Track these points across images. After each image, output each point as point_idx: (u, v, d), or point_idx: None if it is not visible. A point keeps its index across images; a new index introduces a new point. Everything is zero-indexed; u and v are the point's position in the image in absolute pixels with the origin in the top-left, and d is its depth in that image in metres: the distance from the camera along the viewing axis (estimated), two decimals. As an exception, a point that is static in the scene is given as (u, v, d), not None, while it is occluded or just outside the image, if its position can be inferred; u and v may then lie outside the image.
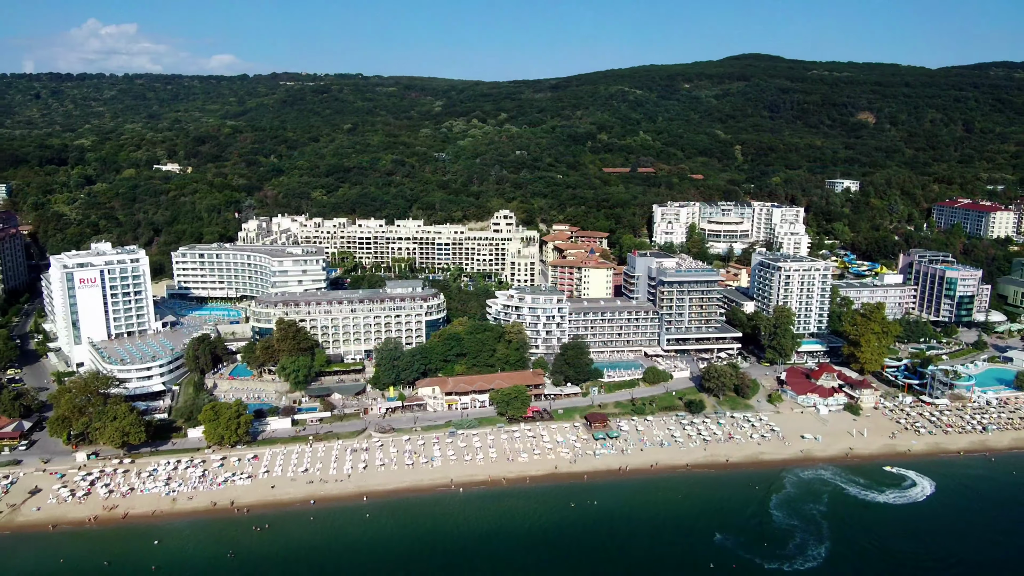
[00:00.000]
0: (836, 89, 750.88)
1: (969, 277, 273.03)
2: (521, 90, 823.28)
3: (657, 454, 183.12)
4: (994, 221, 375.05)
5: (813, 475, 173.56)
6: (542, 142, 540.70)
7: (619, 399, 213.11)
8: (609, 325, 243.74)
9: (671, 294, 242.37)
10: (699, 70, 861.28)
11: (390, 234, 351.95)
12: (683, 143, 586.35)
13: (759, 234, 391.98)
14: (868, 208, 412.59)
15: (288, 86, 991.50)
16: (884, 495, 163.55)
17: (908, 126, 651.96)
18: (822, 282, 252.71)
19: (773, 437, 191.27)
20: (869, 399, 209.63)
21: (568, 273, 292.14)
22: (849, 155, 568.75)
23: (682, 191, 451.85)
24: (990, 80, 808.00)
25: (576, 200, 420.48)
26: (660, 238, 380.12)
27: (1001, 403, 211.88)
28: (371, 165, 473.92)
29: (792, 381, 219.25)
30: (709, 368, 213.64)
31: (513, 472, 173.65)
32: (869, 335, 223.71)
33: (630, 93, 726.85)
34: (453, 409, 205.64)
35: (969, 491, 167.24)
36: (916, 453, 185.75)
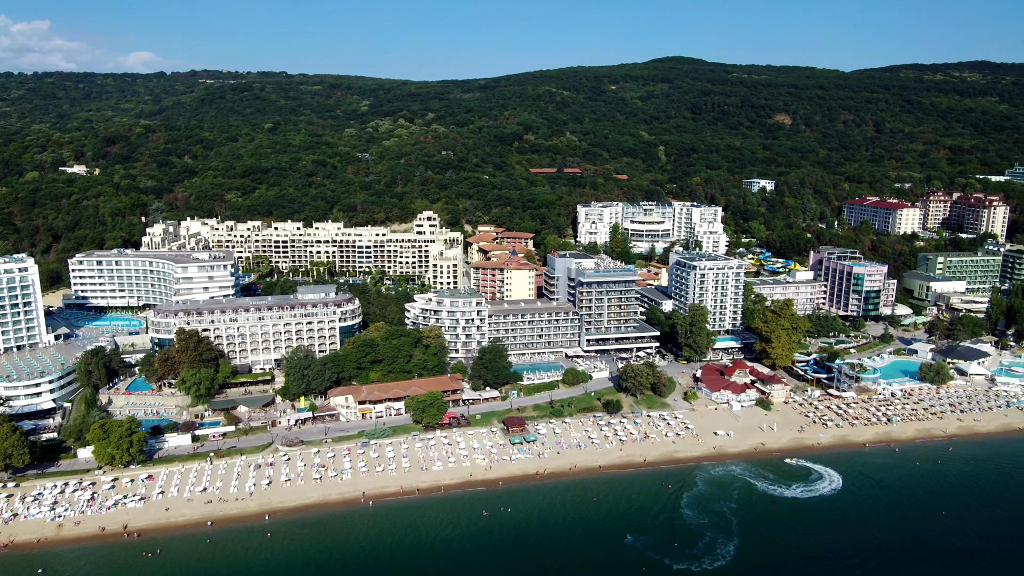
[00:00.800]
0: (755, 91, 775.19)
1: (875, 272, 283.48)
2: (450, 90, 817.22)
3: (574, 456, 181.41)
4: (901, 218, 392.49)
5: (724, 472, 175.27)
6: (469, 142, 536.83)
7: (538, 402, 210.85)
8: (529, 327, 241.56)
9: (590, 294, 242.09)
10: (625, 72, 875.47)
11: (308, 237, 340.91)
12: (609, 144, 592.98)
13: (680, 233, 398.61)
14: (783, 207, 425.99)
15: (208, 84, 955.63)
16: (791, 490, 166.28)
17: (822, 127, 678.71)
18: (735, 280, 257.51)
19: (687, 435, 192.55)
20: (780, 394, 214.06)
21: (490, 275, 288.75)
22: (766, 155, 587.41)
23: (606, 191, 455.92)
24: (900, 82, 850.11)
25: (502, 201, 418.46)
26: (584, 238, 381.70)
27: (905, 394, 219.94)
28: (291, 166, 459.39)
29: (707, 378, 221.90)
30: (626, 368, 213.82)
31: (427, 481, 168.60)
32: (779, 331, 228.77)
33: (557, 94, 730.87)
34: (367, 418, 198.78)
35: (874, 482, 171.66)
36: (824, 446, 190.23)
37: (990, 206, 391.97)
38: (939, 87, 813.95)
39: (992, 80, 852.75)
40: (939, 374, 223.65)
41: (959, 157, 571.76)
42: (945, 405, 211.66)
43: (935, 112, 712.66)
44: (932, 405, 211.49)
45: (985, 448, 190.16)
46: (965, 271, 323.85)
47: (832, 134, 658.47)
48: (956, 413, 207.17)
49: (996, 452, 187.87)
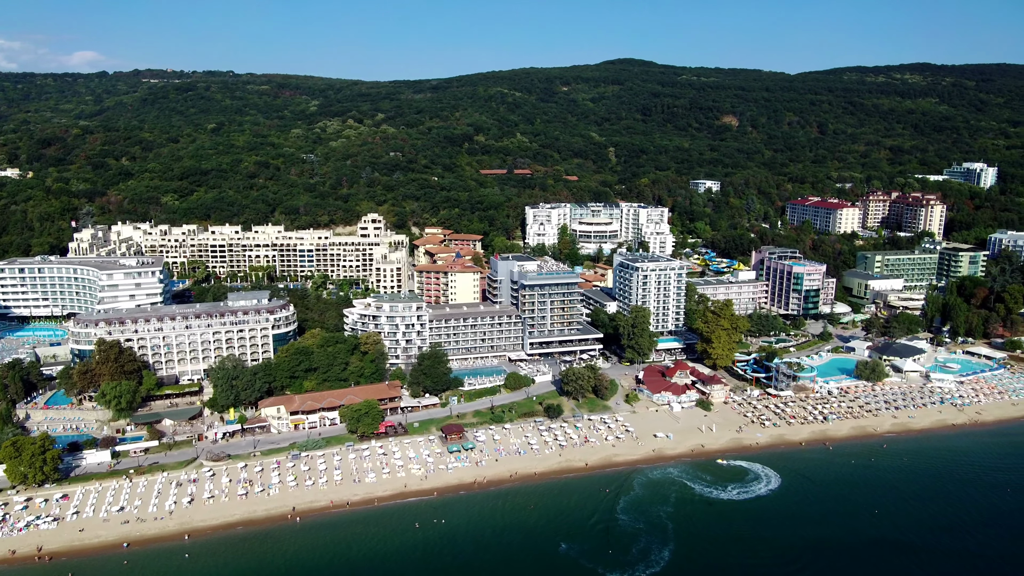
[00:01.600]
0: (703, 93, 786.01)
1: (814, 272, 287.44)
2: (401, 90, 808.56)
3: (513, 463, 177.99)
4: (841, 217, 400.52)
5: (662, 474, 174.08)
6: (418, 143, 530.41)
7: (479, 407, 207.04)
8: (472, 331, 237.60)
9: (532, 297, 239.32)
10: (577, 73, 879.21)
11: (247, 241, 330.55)
12: (559, 145, 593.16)
13: (628, 234, 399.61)
14: (728, 207, 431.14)
15: (151, 84, 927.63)
16: (728, 491, 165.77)
17: (768, 128, 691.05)
18: (677, 281, 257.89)
19: (627, 438, 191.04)
20: (719, 394, 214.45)
21: (434, 278, 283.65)
22: (714, 156, 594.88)
23: (555, 192, 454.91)
24: (844, 84, 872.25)
25: (450, 202, 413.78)
26: (533, 240, 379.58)
27: (842, 392, 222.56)
28: (232, 167, 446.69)
29: (648, 380, 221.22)
30: (567, 371, 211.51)
31: (359, 495, 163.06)
32: (719, 331, 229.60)
33: (509, 95, 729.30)
34: (300, 429, 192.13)
35: (809, 481, 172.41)
36: (762, 446, 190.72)
37: (927, 205, 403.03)
38: (881, 89, 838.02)
39: (932, 82, 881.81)
40: (874, 371, 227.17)
41: (899, 157, 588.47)
42: (880, 402, 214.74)
43: (877, 113, 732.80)
44: (868, 403, 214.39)
45: (918, 444, 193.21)
46: (902, 269, 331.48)
47: (777, 135, 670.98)
48: (891, 410, 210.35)
49: (929, 448, 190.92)
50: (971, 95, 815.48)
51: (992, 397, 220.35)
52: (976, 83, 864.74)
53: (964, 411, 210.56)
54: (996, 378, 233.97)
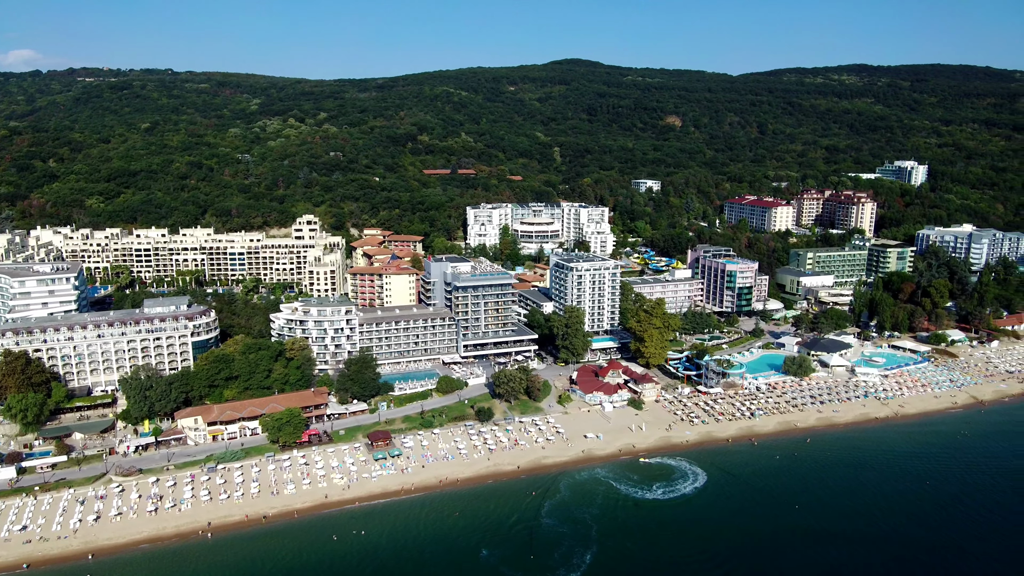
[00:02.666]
0: (648, 94, 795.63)
1: (747, 269, 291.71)
2: (346, 89, 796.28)
3: (440, 469, 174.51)
4: (776, 215, 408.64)
5: (589, 476, 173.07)
6: (359, 143, 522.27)
7: (409, 412, 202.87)
8: (404, 334, 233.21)
9: (465, 299, 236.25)
10: (524, 73, 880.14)
11: (174, 244, 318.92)
12: (504, 145, 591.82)
13: (570, 234, 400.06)
14: (668, 206, 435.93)
15: (86, 83, 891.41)
16: (653, 491, 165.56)
17: (709, 129, 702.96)
18: (612, 281, 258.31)
19: (558, 439, 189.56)
20: (651, 393, 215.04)
21: (368, 281, 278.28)
22: (657, 156, 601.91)
23: (498, 192, 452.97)
24: (783, 85, 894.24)
25: (390, 203, 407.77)
26: (474, 240, 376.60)
27: (770, 388, 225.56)
28: (163, 168, 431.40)
29: (581, 380, 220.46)
30: (499, 373, 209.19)
31: (276, 507, 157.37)
32: (651, 330, 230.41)
33: (455, 94, 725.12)
34: (219, 440, 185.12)
35: (734, 478, 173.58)
36: (690, 443, 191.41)
37: (858, 203, 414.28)
38: (819, 89, 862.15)
39: (868, 82, 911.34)
40: (801, 367, 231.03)
41: (835, 156, 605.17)
42: (806, 397, 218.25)
43: (814, 113, 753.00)
44: (794, 398, 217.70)
45: (842, 438, 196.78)
46: (833, 266, 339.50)
47: (719, 135, 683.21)
48: (816, 405, 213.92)
49: (851, 441, 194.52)
50: (905, 95, 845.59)
51: (915, 390, 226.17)
52: (911, 83, 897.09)
53: (887, 404, 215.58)
54: (920, 371, 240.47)
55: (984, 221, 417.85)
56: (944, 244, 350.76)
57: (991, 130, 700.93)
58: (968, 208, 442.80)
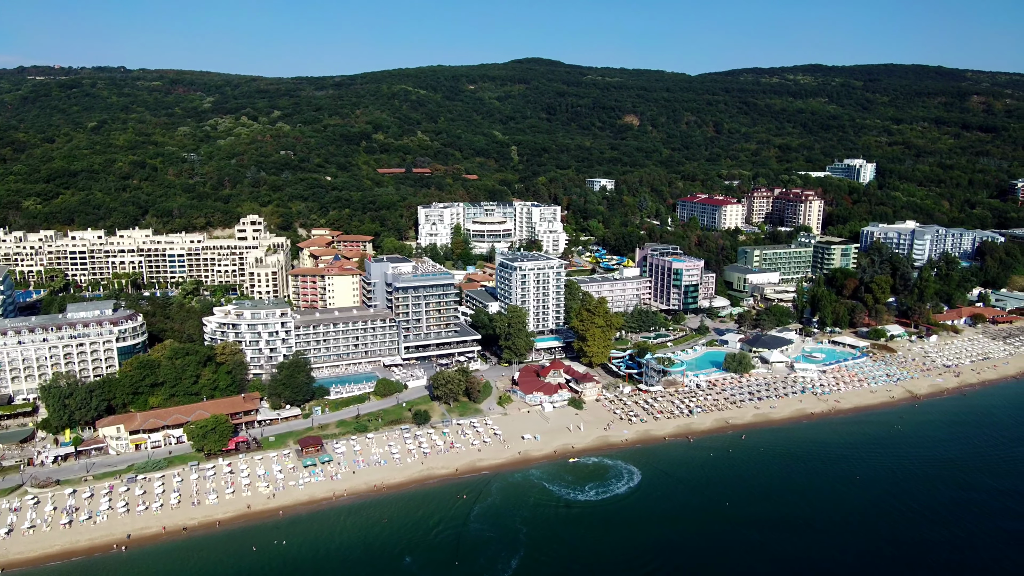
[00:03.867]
0: (607, 93, 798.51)
1: (693, 267, 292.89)
2: (303, 87, 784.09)
3: (371, 474, 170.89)
4: (726, 213, 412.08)
5: (523, 478, 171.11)
6: (311, 141, 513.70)
7: (345, 417, 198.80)
8: (344, 336, 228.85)
9: (406, 300, 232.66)
10: (484, 72, 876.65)
11: (111, 247, 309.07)
12: (461, 144, 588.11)
13: (522, 233, 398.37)
14: (621, 205, 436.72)
15: (35, 81, 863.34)
16: (586, 492, 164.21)
17: (667, 128, 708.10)
18: (556, 280, 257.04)
19: (494, 441, 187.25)
20: (592, 392, 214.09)
21: (310, 282, 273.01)
22: (614, 155, 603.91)
23: (452, 192, 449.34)
24: (740, 85, 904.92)
25: (341, 202, 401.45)
26: (425, 240, 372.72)
27: (710, 385, 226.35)
28: (105, 168, 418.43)
29: (523, 380, 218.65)
30: (437, 375, 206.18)
31: (196, 518, 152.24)
32: (594, 329, 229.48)
33: (413, 93, 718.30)
34: (142, 449, 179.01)
35: (667, 476, 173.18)
36: (628, 442, 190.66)
37: (806, 200, 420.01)
38: (774, 89, 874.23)
39: (823, 82, 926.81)
40: (741, 364, 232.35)
41: (787, 155, 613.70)
42: (745, 394, 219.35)
43: (769, 113, 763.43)
44: (733, 395, 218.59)
45: (776, 434, 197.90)
46: (779, 263, 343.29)
47: (676, 134, 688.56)
48: (754, 402, 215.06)
49: (786, 438, 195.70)
50: (858, 94, 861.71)
51: (852, 385, 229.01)
52: (863, 83, 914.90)
53: (824, 400, 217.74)
54: (857, 366, 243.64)
55: (929, 218, 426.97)
56: (888, 241, 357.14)
57: (941, 128, 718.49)
58: (914, 205, 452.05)
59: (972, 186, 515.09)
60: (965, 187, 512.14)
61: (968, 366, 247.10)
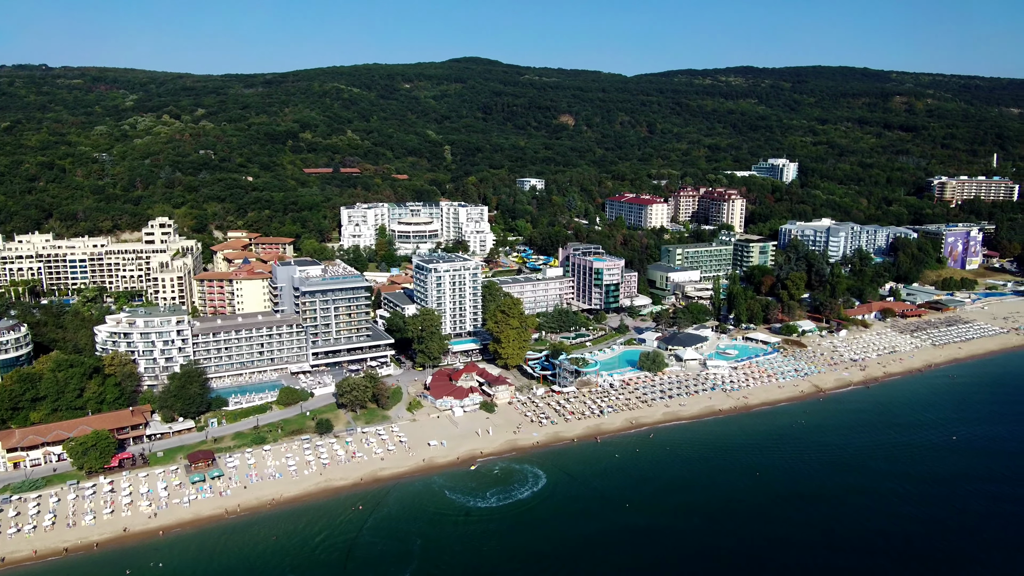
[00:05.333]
0: (543, 93, 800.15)
1: (614, 267, 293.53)
2: (231, 84, 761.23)
3: (264, 489, 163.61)
4: (651, 213, 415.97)
5: (424, 486, 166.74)
6: (234, 140, 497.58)
7: (243, 428, 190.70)
8: (247, 344, 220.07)
9: (314, 304, 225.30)
10: (420, 71, 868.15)
11: (7, 252, 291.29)
12: (393, 143, 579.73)
13: (449, 233, 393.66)
14: (551, 205, 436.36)
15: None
16: (487, 499, 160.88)
17: (601, 128, 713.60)
18: (473, 281, 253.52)
19: (399, 449, 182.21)
20: (504, 395, 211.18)
21: (217, 287, 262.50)
22: (548, 155, 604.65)
23: (380, 192, 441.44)
24: (673, 86, 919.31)
25: (260, 203, 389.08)
26: (347, 241, 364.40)
27: (624, 384, 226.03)
28: (10, 170, 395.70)
29: (435, 385, 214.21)
30: (342, 382, 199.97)
31: (71, 540, 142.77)
32: (508, 331, 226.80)
33: (346, 91, 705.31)
34: (20, 468, 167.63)
35: (573, 479, 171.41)
36: (537, 445, 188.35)
37: (729, 199, 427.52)
38: (707, 91, 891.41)
39: (753, 83, 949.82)
40: (655, 362, 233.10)
41: (716, 155, 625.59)
42: (657, 392, 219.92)
43: (701, 114, 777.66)
44: (645, 393, 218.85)
45: (684, 432, 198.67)
46: (701, 261, 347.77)
47: (610, 134, 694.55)
48: (665, 400, 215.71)
49: (693, 435, 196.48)
50: (786, 96, 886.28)
51: (761, 381, 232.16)
52: (792, 84, 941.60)
53: (732, 396, 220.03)
54: (768, 362, 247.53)
55: (847, 215, 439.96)
56: (804, 238, 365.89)
57: (863, 128, 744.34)
58: (833, 203, 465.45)
59: (890, 184, 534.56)
60: (883, 185, 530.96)
61: (874, 360, 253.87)
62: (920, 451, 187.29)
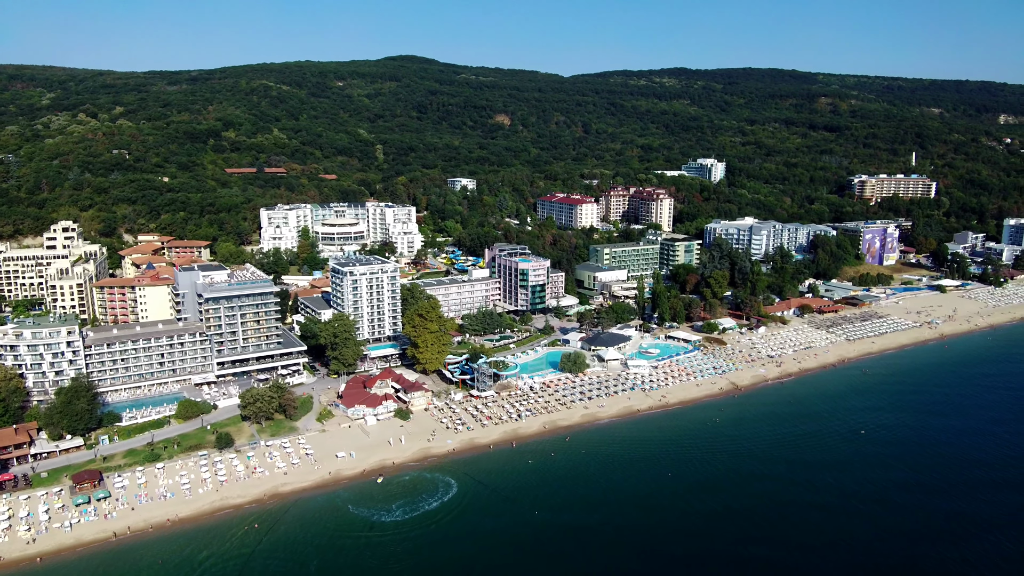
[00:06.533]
0: (480, 92, 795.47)
1: (539, 267, 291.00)
2: (155, 81, 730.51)
3: (155, 510, 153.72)
4: (582, 212, 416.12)
5: (327, 501, 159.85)
6: (150, 139, 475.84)
7: (137, 445, 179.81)
8: (146, 354, 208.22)
9: (218, 311, 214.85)
10: (354, 69, 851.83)
11: None
12: (322, 142, 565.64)
13: (376, 235, 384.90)
14: (481, 205, 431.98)
15: None
16: (392, 512, 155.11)
17: (537, 128, 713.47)
18: (391, 284, 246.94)
19: (304, 462, 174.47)
20: (420, 401, 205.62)
21: (119, 295, 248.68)
22: (482, 155, 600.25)
23: (305, 192, 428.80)
24: (609, 87, 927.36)
25: (175, 205, 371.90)
26: (267, 244, 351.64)
27: (544, 387, 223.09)
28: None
29: (348, 393, 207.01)
30: (246, 392, 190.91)
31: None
32: (426, 335, 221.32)
33: (275, 88, 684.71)
34: None
35: (484, 487, 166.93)
36: (451, 452, 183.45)
37: (658, 199, 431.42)
38: (641, 91, 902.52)
39: (686, 85, 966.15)
40: (576, 363, 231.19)
41: (648, 155, 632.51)
42: (577, 394, 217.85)
43: (635, 114, 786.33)
44: (565, 395, 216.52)
45: (601, 434, 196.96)
46: (628, 260, 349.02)
47: (546, 134, 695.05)
48: (584, 401, 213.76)
49: (609, 437, 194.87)
50: (718, 97, 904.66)
51: (680, 379, 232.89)
52: (723, 86, 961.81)
53: (651, 396, 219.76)
54: (688, 360, 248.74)
55: (771, 214, 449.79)
56: (728, 237, 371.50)
57: (790, 128, 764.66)
58: (759, 202, 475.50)
59: (813, 183, 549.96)
60: (807, 184, 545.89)
61: (791, 356, 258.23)
62: (828, 440, 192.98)
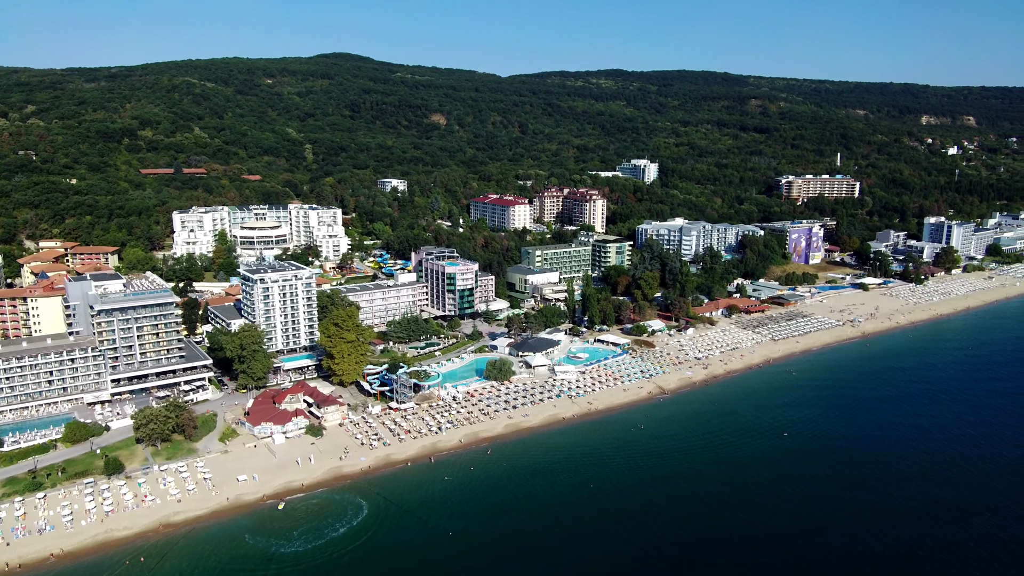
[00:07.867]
0: (415, 91, 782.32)
1: (467, 271, 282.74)
2: (71, 79, 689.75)
3: (31, 546, 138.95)
4: (515, 214, 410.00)
5: (222, 531, 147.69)
6: (59, 139, 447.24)
7: (17, 472, 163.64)
8: (32, 372, 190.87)
9: (112, 324, 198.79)
10: (285, 66, 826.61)
11: None
12: (247, 141, 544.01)
13: (300, 238, 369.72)
14: (413, 207, 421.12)
15: None
16: (294, 541, 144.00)
17: (473, 128, 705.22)
18: (306, 292, 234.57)
19: (200, 488, 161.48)
20: (335, 416, 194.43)
21: (10, 306, 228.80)
22: (417, 155, 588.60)
23: (223, 194, 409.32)
24: (546, 87, 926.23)
25: (82, 209, 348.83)
26: (181, 249, 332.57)
27: (468, 396, 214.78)
28: None
29: (255, 409, 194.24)
30: (138, 413, 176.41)
31: None
32: (342, 345, 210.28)
33: (198, 86, 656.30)
34: None
35: (397, 508, 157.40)
36: (366, 471, 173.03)
37: (591, 200, 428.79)
38: (579, 92, 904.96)
39: (622, 86, 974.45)
40: (501, 371, 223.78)
41: (584, 155, 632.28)
42: (501, 403, 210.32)
43: (572, 115, 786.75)
44: (488, 405, 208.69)
45: (525, 445, 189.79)
46: (560, 262, 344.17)
47: (482, 134, 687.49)
48: (508, 410, 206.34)
49: (532, 448, 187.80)
50: (653, 98, 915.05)
51: (608, 384, 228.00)
52: (658, 87, 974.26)
53: (577, 403, 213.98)
54: (616, 364, 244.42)
55: (701, 214, 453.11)
56: (659, 237, 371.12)
57: (722, 130, 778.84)
58: (690, 203, 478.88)
59: (743, 183, 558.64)
60: (737, 184, 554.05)
61: (717, 357, 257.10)
62: (750, 439, 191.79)
